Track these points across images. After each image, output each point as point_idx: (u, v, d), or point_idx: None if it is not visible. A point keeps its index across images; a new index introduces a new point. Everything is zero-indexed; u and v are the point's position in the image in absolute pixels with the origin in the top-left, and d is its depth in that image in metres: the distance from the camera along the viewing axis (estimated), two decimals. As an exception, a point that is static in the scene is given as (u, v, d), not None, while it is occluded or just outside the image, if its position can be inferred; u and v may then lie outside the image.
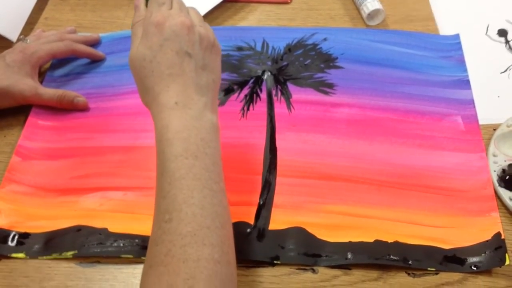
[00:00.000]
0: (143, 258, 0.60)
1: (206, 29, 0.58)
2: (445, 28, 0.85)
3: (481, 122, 0.72)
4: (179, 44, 0.55)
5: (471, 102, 0.74)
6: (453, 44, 0.82)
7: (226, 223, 0.50)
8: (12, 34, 0.84)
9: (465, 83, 0.76)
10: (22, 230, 0.64)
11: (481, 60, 0.80)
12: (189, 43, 0.55)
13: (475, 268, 0.59)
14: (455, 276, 0.59)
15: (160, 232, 0.47)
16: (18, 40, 0.82)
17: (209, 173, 0.50)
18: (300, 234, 0.63)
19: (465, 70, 0.78)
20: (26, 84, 0.74)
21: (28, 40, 0.79)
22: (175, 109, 0.53)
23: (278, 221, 0.64)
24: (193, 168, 0.50)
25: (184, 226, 0.47)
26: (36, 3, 0.90)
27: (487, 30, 0.84)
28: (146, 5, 0.60)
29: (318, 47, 0.82)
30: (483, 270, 0.59)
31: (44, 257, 0.62)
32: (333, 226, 0.63)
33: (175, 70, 0.54)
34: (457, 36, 0.83)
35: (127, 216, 0.65)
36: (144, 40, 0.56)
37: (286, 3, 0.90)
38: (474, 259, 0.60)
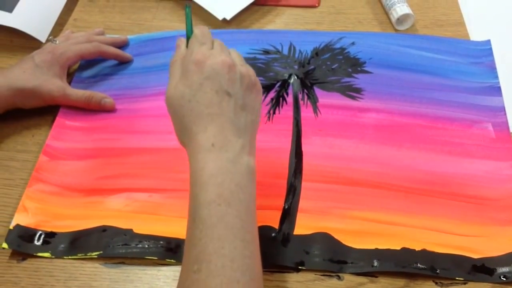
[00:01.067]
0: (168, 260, 0.61)
1: (247, 69, 0.57)
2: (476, 33, 0.83)
3: (512, 130, 0.71)
4: (219, 83, 0.54)
5: (503, 109, 0.73)
6: (484, 50, 0.81)
7: (257, 276, 0.48)
8: (41, 35, 0.85)
9: (496, 90, 0.75)
10: (48, 230, 0.64)
11: (512, 66, 0.78)
12: (229, 82, 0.54)
13: (504, 279, 0.58)
14: (483, 286, 0.58)
15: (188, 283, 0.46)
16: (47, 41, 0.83)
17: (241, 221, 0.49)
18: (325, 239, 0.62)
19: (496, 76, 0.77)
20: (54, 85, 0.75)
21: (57, 41, 0.80)
22: (212, 152, 0.51)
23: (303, 226, 0.63)
24: (225, 217, 0.48)
25: (213, 278, 0.45)
26: (65, 5, 0.91)
27: (519, 36, 0.82)
28: (187, 46, 0.59)
29: (346, 51, 0.82)
30: (513, 280, 0.58)
31: (70, 256, 0.62)
32: (359, 232, 0.62)
33: (214, 109, 0.53)
34: (488, 42, 0.81)
35: (152, 218, 0.65)
36: (184, 79, 0.55)
37: (314, 7, 0.90)
38: (504, 269, 0.59)
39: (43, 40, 0.85)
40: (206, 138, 0.52)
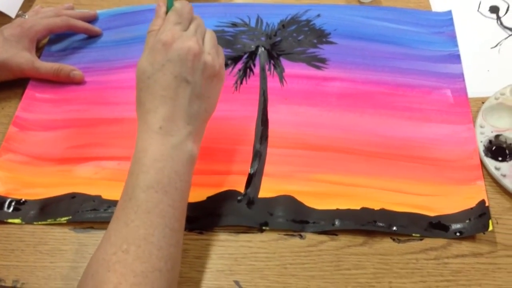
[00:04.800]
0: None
1: (214, 58, 0.57)
2: (437, 4, 0.85)
3: (470, 95, 0.73)
4: (179, 69, 0.55)
5: (461, 76, 0.75)
6: (445, 20, 0.83)
7: (176, 265, 0.52)
8: (11, 10, 0.86)
9: (456, 58, 0.77)
10: (19, 197, 0.65)
11: (472, 35, 0.81)
12: (190, 69, 0.55)
13: (459, 234, 0.60)
14: (439, 241, 0.61)
15: (115, 259, 0.48)
16: (17, 16, 0.83)
17: (174, 210, 0.52)
18: (288, 201, 0.64)
19: (456, 45, 0.79)
20: (23, 58, 0.75)
21: (27, 16, 0.80)
22: (158, 134, 0.54)
23: (267, 189, 0.65)
24: (160, 204, 0.51)
25: (139, 264, 0.48)
26: (35, -19, 0.91)
27: (479, 6, 0.84)
28: (167, 13, 0.60)
29: (312, 23, 0.83)
30: (467, 236, 0.60)
31: (39, 222, 0.63)
32: (321, 194, 0.64)
33: (169, 93, 0.55)
34: (449, 13, 0.84)
35: (120, 184, 0.64)
36: (149, 55, 0.56)
37: (281, -20, 0.91)
38: (458, 226, 0.61)
39: (13, 16, 0.85)
40: (156, 119, 0.54)
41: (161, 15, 0.60)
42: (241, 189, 0.65)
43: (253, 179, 0.66)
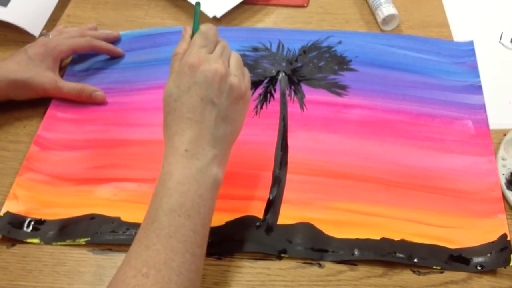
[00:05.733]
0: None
1: (240, 80, 0.58)
2: (459, 34, 0.86)
3: (491, 127, 0.73)
4: (206, 91, 0.55)
5: (483, 107, 0.75)
6: (467, 51, 0.83)
7: None
8: (35, 29, 0.87)
9: (477, 89, 0.77)
10: (38, 217, 0.66)
11: (494, 66, 0.81)
12: (217, 91, 0.55)
13: (480, 268, 0.60)
14: (460, 275, 0.60)
15: (134, 282, 0.48)
16: (41, 35, 0.84)
17: (195, 235, 0.52)
18: (308, 229, 0.64)
19: (478, 76, 0.79)
20: (46, 77, 0.76)
21: (50, 35, 0.81)
22: (184, 157, 0.54)
23: (286, 216, 0.65)
24: (182, 228, 0.51)
25: None
26: (59, 1, 0.93)
27: (501, 37, 0.84)
28: (192, 36, 0.60)
29: (333, 49, 0.84)
30: (488, 270, 0.60)
31: (58, 243, 0.64)
32: (340, 222, 0.64)
33: (195, 115, 0.55)
34: (470, 43, 0.84)
35: (140, 207, 0.66)
36: (176, 78, 0.57)
37: (303, 6, 0.92)
38: (480, 259, 0.60)
39: (36, 34, 0.86)
40: (181, 142, 0.54)
41: (186, 39, 0.61)
42: (260, 215, 0.65)
43: (272, 205, 0.66)
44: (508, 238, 0.61)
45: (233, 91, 0.57)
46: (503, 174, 0.67)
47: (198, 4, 0.63)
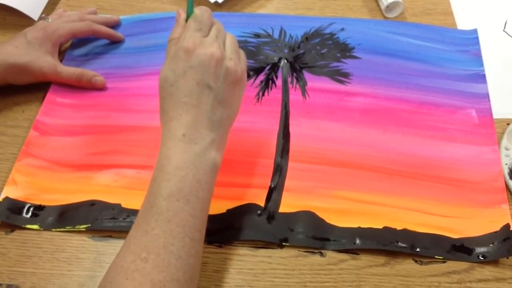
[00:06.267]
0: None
1: (236, 63, 0.57)
2: (463, 22, 0.85)
3: (495, 116, 0.72)
4: (202, 75, 0.55)
5: (486, 96, 0.74)
6: (471, 39, 0.82)
7: (195, 276, 0.52)
8: (34, 13, 0.86)
9: (481, 77, 0.77)
10: (37, 203, 0.65)
11: (497, 55, 0.80)
12: (213, 75, 0.55)
13: (482, 258, 0.60)
14: (462, 265, 0.60)
15: (133, 267, 0.48)
16: (40, 19, 0.83)
17: (194, 220, 0.51)
18: (309, 217, 0.63)
19: (482, 64, 0.78)
20: (46, 61, 0.75)
21: (50, 19, 0.80)
22: (182, 141, 0.53)
23: (288, 204, 0.64)
24: (181, 213, 0.51)
25: (157, 273, 0.47)
26: (59, -16, 0.91)
27: (505, 26, 0.84)
28: (187, 20, 0.60)
29: (335, 36, 0.83)
30: (490, 260, 0.60)
31: (58, 229, 0.63)
32: (342, 211, 0.64)
33: (192, 100, 0.54)
34: (474, 31, 0.83)
35: (140, 193, 0.64)
36: (171, 62, 0.56)
37: (305, -8, 0.91)
38: (482, 249, 0.60)
39: (35, 18, 0.85)
40: (179, 126, 0.54)
41: (181, 23, 0.60)
42: (262, 203, 0.65)
43: (273, 193, 0.65)
44: (511, 229, 0.61)
45: (229, 75, 0.56)
46: (506, 164, 0.66)
47: None
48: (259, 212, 0.64)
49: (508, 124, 0.71)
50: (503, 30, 0.83)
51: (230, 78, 0.56)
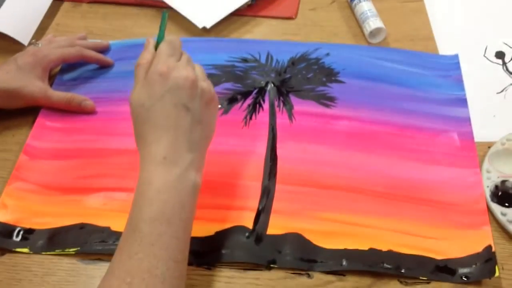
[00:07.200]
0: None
1: (208, 84, 0.59)
2: (445, 48, 0.87)
3: (476, 139, 0.74)
4: (179, 97, 0.56)
5: (468, 119, 0.76)
6: (452, 64, 0.84)
7: None
8: (24, 38, 0.87)
9: (462, 102, 0.79)
10: (27, 226, 0.66)
11: (479, 80, 0.82)
12: (189, 96, 0.56)
13: (465, 279, 0.61)
14: (446, 285, 0.61)
15: None
16: (30, 44, 0.84)
17: (177, 241, 0.52)
18: (296, 240, 0.64)
19: (463, 89, 0.80)
20: (36, 86, 0.76)
21: (40, 44, 0.81)
22: (162, 164, 0.54)
23: (276, 226, 0.66)
24: (164, 236, 0.52)
25: None
26: (48, 9, 0.93)
27: (485, 51, 0.86)
28: (156, 47, 0.61)
29: (321, 61, 0.85)
30: (473, 281, 0.61)
31: (48, 252, 0.64)
32: (329, 233, 0.65)
33: (170, 122, 0.56)
34: (455, 56, 0.85)
35: None
36: (146, 87, 0.57)
37: (291, 18, 0.93)
38: (465, 270, 0.61)
39: (25, 43, 0.87)
40: (159, 149, 0.55)
41: (150, 50, 0.61)
42: (250, 225, 0.66)
43: (261, 216, 0.67)
44: (493, 250, 0.63)
45: (204, 95, 0.58)
46: (488, 187, 0.68)
47: (165, 13, 0.63)
48: (247, 234, 0.65)
49: (489, 147, 0.73)
50: (484, 55, 0.86)
51: (205, 97, 0.58)
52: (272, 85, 0.81)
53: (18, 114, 0.77)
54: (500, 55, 0.85)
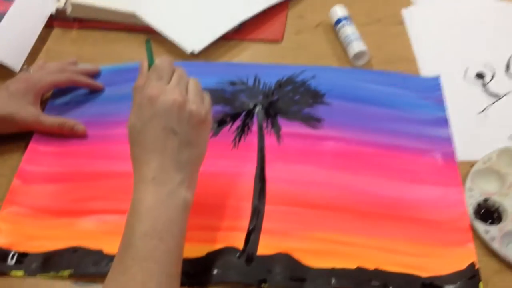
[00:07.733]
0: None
1: (198, 106, 0.60)
2: (426, 69, 0.89)
3: (459, 158, 0.76)
4: (166, 121, 0.58)
5: (450, 139, 0.78)
6: (434, 85, 0.87)
7: None
8: (16, 64, 0.89)
9: (444, 122, 0.81)
10: (21, 250, 0.67)
11: (460, 100, 0.84)
12: (177, 120, 0.58)
13: (451, 295, 0.63)
14: (432, 302, 0.63)
15: None
16: (21, 70, 0.86)
17: (170, 256, 0.54)
18: (286, 260, 0.66)
19: (444, 109, 0.83)
20: (28, 112, 0.78)
21: (31, 70, 0.82)
22: (152, 184, 0.56)
23: (266, 246, 0.67)
24: (156, 251, 0.53)
25: None
26: (39, 35, 0.94)
27: (465, 73, 0.89)
28: (149, 69, 0.63)
29: (307, 83, 0.87)
30: (458, 297, 0.63)
31: (42, 275, 0.65)
32: (317, 252, 0.67)
33: (158, 145, 0.58)
34: (437, 78, 0.87)
35: None
36: (137, 111, 0.59)
37: (277, 42, 0.95)
38: (450, 287, 0.63)
39: (17, 69, 0.88)
40: (148, 170, 0.57)
41: (144, 72, 0.63)
42: (240, 246, 0.67)
43: (252, 236, 0.68)
44: (477, 267, 0.64)
45: (192, 117, 0.59)
46: (471, 204, 0.70)
47: (148, 41, 0.65)
48: (238, 254, 0.66)
49: (472, 166, 0.75)
50: (464, 77, 0.88)
51: (194, 120, 0.59)
52: (260, 107, 0.83)
53: (10, 139, 0.78)
54: (480, 76, 0.88)
